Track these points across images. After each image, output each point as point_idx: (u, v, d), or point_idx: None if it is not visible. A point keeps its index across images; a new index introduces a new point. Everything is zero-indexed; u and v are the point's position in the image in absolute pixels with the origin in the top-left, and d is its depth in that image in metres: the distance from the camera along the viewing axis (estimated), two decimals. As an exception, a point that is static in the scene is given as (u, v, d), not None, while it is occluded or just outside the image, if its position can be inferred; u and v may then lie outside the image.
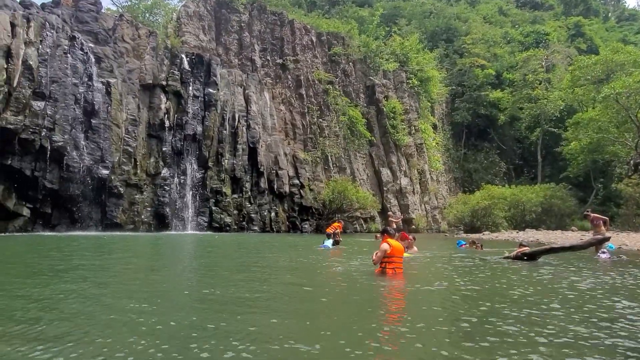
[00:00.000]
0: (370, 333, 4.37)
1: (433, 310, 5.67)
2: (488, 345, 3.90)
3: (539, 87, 54.18)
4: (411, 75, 50.40)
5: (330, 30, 46.38)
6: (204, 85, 33.74)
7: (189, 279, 8.56)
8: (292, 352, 3.67)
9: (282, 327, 4.50)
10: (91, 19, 29.94)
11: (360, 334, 4.27)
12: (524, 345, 3.91)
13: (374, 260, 8.73)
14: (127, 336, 3.99)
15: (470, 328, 4.53)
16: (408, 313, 5.53)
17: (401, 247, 8.97)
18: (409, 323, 4.81)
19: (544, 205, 40.89)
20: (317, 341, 3.96)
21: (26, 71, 24.29)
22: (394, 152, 45.40)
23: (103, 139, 27.58)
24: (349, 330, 4.40)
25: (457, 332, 4.40)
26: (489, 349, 3.81)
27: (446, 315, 5.28)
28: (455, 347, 3.84)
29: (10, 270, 8.95)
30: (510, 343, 3.98)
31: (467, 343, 3.98)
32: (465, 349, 3.79)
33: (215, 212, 31.96)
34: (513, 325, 4.62)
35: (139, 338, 3.92)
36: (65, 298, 5.89)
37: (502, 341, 4.04)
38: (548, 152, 53.91)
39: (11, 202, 24.22)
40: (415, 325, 4.67)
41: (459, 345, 3.93)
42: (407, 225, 43.28)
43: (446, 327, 4.66)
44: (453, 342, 4.02)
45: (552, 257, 13.24)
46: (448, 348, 3.82)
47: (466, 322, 4.77)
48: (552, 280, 8.46)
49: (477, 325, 4.66)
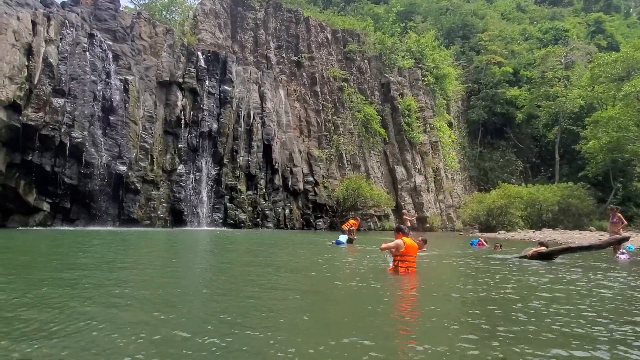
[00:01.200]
0: (381, 330, 4.39)
1: (446, 309, 5.66)
2: (505, 342, 3.89)
3: (557, 84, 53.36)
4: (427, 72, 50.04)
5: (346, 27, 46.28)
6: (220, 82, 33.97)
7: (212, 274, 8.67)
8: (302, 346, 3.70)
9: (294, 323, 4.55)
10: (109, 17, 30.34)
11: (372, 331, 4.29)
12: (539, 345, 3.89)
13: (382, 247, 8.86)
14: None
15: (484, 327, 4.52)
16: (420, 312, 5.53)
17: (415, 246, 8.93)
18: (421, 321, 4.81)
19: (561, 205, 40.31)
20: (328, 337, 3.98)
21: (46, 69, 24.75)
22: (408, 150, 45.18)
23: (121, 135, 27.97)
24: (363, 326, 4.43)
25: (471, 332, 4.40)
26: (506, 346, 3.80)
27: (459, 315, 5.26)
28: (470, 348, 3.84)
29: (51, 263, 9.17)
30: (524, 341, 3.97)
31: (483, 342, 3.97)
32: (481, 348, 3.79)
33: (230, 209, 32.19)
34: (527, 325, 4.59)
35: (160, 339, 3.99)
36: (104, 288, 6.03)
37: (515, 339, 4.02)
38: (566, 151, 53.09)
39: (32, 197, 24.75)
40: (427, 323, 4.67)
41: (475, 345, 3.93)
42: (422, 223, 43.09)
43: (459, 326, 4.65)
44: (468, 342, 4.01)
45: (569, 257, 13.08)
46: (462, 348, 3.82)
47: (480, 322, 4.75)
48: (570, 280, 8.36)
49: (490, 324, 4.64)
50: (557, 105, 51.19)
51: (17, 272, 7.52)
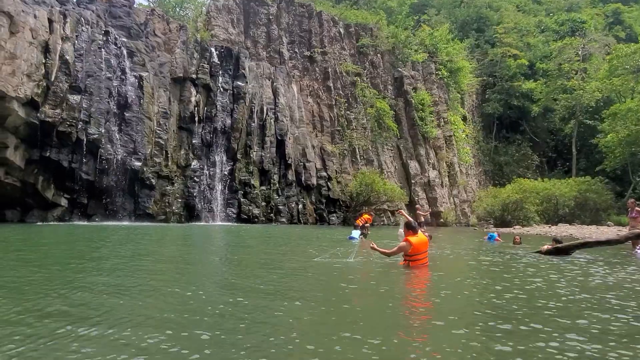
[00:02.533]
0: (395, 325, 4.38)
1: (459, 305, 5.63)
2: (520, 338, 3.86)
3: (574, 77, 52.43)
4: (440, 66, 49.55)
5: (359, 21, 46.01)
6: (233, 78, 34.11)
7: (229, 269, 8.75)
8: (316, 341, 3.72)
9: (308, 316, 4.56)
10: (124, 14, 30.63)
11: (384, 326, 4.29)
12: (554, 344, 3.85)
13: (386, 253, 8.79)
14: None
15: (499, 324, 4.49)
16: (431, 307, 5.50)
17: (425, 240, 8.83)
18: (433, 316, 4.79)
19: (578, 200, 39.68)
20: (341, 332, 3.99)
21: (63, 66, 25.11)
22: (422, 145, 44.87)
23: (136, 131, 28.28)
24: (376, 321, 4.43)
25: (485, 328, 4.36)
26: (521, 342, 3.77)
27: (473, 311, 5.23)
28: (485, 345, 3.82)
29: (69, 257, 9.35)
30: (540, 338, 3.93)
31: (496, 338, 3.95)
32: (496, 344, 3.76)
33: (244, 204, 32.37)
34: (542, 322, 4.54)
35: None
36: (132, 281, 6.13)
37: (530, 336, 3.98)
38: (583, 145, 52.22)
39: (50, 193, 25.21)
40: (440, 318, 4.65)
41: (490, 341, 3.90)
42: (436, 218, 42.85)
43: (474, 322, 4.62)
44: (481, 340, 3.99)
45: (587, 252, 12.88)
46: (477, 344, 3.80)
47: (495, 318, 4.72)
48: (589, 275, 8.25)
49: (505, 321, 4.61)
50: (574, 99, 50.32)
51: (58, 263, 7.69)
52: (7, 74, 21.69)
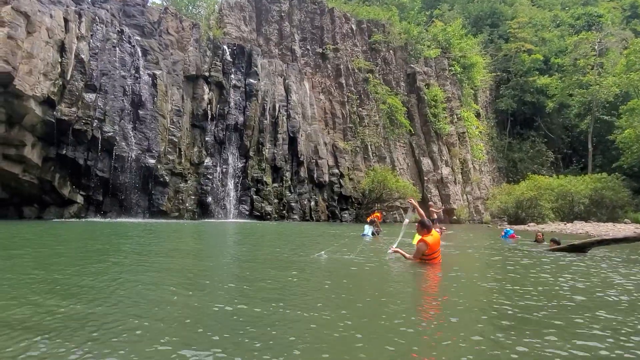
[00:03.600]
0: (409, 323, 4.38)
1: (471, 301, 5.60)
2: (533, 334, 3.83)
3: (590, 72, 51.62)
4: (453, 62, 49.18)
5: (371, 17, 45.83)
6: (245, 75, 34.22)
7: (245, 265, 8.81)
8: (328, 337, 3.73)
9: (322, 314, 4.58)
10: (138, 13, 30.88)
11: (397, 322, 4.29)
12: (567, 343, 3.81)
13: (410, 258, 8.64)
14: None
15: (512, 321, 4.46)
16: (445, 305, 5.48)
17: (438, 237, 8.82)
18: (447, 314, 4.78)
19: (594, 197, 39.12)
20: (355, 328, 4.00)
21: (78, 65, 25.42)
22: (435, 141, 44.60)
23: (150, 129, 28.54)
24: (388, 317, 4.43)
25: (498, 326, 4.34)
26: (534, 338, 3.74)
27: (491, 309, 5.20)
28: (497, 342, 3.80)
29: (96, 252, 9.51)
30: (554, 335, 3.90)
31: (509, 334, 3.92)
32: (508, 341, 3.74)
33: (257, 201, 32.52)
34: (555, 319, 4.50)
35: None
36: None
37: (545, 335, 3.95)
38: (599, 141, 51.44)
39: (66, 190, 25.60)
40: (454, 315, 4.63)
41: (501, 339, 3.88)
42: (449, 215, 42.61)
43: (490, 319, 4.59)
44: (498, 334, 3.97)
45: (604, 249, 12.71)
46: (491, 341, 3.78)
47: (510, 317, 4.69)
48: (603, 273, 8.14)
49: (518, 317, 4.58)
50: (590, 94, 49.57)
51: (88, 257, 7.84)
52: (25, 73, 22.02)
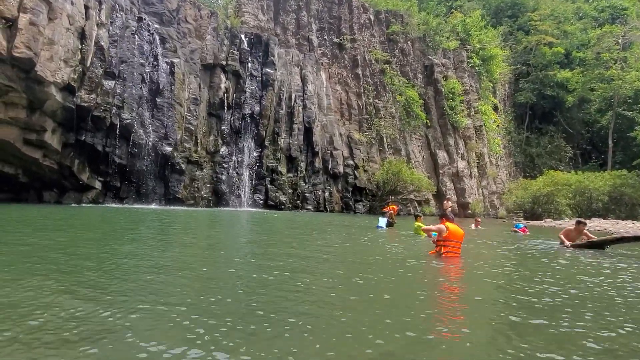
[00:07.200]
0: (423, 317, 4.38)
1: (490, 296, 5.57)
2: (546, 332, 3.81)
3: (613, 66, 50.47)
4: (472, 54, 48.46)
5: (389, 8, 45.35)
6: (262, 65, 34.19)
7: (260, 253, 8.89)
8: (341, 330, 3.75)
9: (335, 308, 4.60)
10: (157, 1, 30.97)
11: (408, 318, 4.29)
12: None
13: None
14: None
15: (525, 318, 4.43)
16: (460, 299, 5.47)
17: (461, 232, 8.80)
18: (462, 308, 4.76)
19: (613, 194, 38.43)
20: (368, 323, 4.01)
21: (98, 52, 25.66)
22: (451, 134, 44.18)
23: (167, 117, 28.77)
24: (404, 312, 4.43)
25: (509, 324, 4.32)
26: (548, 336, 3.71)
27: (506, 304, 5.17)
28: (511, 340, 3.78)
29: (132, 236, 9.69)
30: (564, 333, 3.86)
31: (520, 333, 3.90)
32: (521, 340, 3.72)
33: (271, 190, 32.64)
34: (567, 316, 4.46)
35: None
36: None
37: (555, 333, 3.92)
38: (620, 137, 50.40)
39: (85, 175, 26.03)
40: (468, 311, 4.62)
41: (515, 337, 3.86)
42: (463, 209, 42.30)
43: (506, 314, 4.57)
44: (512, 331, 3.95)
45: (623, 247, 12.51)
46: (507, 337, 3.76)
47: (526, 311, 4.66)
48: (620, 271, 8.02)
49: (531, 314, 4.54)
50: (613, 89, 48.50)
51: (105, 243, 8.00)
52: (46, 59, 22.29)
